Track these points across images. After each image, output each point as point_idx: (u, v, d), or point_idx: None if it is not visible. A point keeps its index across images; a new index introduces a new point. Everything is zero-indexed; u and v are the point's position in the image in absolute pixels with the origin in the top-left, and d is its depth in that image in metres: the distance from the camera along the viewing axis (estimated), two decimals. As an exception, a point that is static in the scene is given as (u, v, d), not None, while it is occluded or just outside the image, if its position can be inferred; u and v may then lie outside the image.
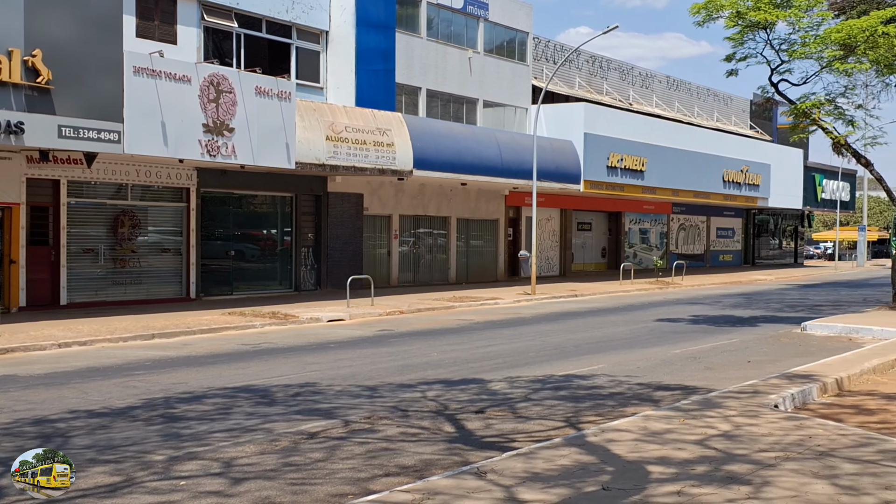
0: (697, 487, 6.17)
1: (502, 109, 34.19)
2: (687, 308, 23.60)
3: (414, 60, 29.87)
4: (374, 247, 29.52)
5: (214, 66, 21.36)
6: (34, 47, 17.16)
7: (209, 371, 12.88)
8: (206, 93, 20.50)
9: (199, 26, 23.71)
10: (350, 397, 10.59)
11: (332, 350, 15.23)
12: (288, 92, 22.38)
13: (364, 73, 27.00)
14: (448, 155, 27.86)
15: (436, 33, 31.02)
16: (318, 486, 6.82)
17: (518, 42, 34.62)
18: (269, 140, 21.83)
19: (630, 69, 43.93)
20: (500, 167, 29.88)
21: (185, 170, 22.99)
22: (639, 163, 36.22)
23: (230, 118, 20.97)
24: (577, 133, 33.53)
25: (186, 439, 8.41)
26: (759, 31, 20.97)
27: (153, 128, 19.45)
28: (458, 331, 18.30)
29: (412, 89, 30.11)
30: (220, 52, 24.52)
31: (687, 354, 14.27)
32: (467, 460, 7.44)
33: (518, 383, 11.49)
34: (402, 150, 25.91)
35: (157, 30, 22.70)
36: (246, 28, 25.07)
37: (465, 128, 30.46)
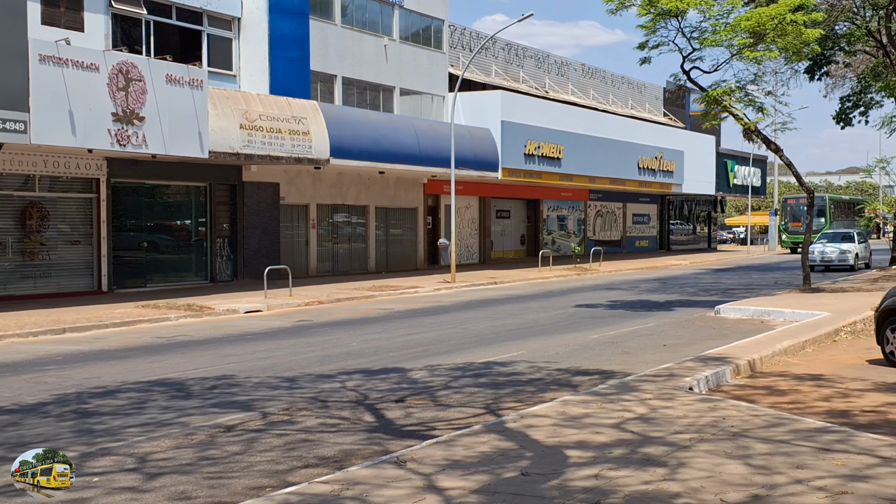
0: (614, 470, 6.27)
1: (419, 97, 34.14)
2: (605, 293, 23.97)
3: (329, 48, 29.59)
4: (292, 236, 29.21)
5: (123, 54, 20.79)
6: (-69, 33, 16.45)
7: (123, 365, 12.58)
8: (115, 81, 19.95)
9: (107, 13, 23.04)
10: (269, 389, 10.46)
11: (250, 341, 15.03)
12: (200, 80, 21.93)
13: (278, 60, 26.62)
14: (365, 143, 27.70)
15: (351, 20, 30.77)
16: (235, 479, 6.72)
17: (434, 29, 34.59)
18: (181, 129, 21.36)
19: (546, 57, 44.31)
20: (419, 155, 29.85)
21: (94, 160, 22.35)
22: (556, 150, 36.60)
23: (140, 107, 20.45)
24: (494, 121, 33.70)
25: (100, 435, 8.21)
26: (671, 19, 21.34)
27: (61, 117, 18.86)
28: (378, 320, 18.24)
29: (328, 77, 29.82)
30: (129, 39, 23.88)
31: (605, 339, 14.49)
32: (387, 449, 7.41)
33: (438, 371, 11.51)
34: (319, 139, 25.66)
35: (62, 17, 21.97)
36: (155, 15, 24.47)
37: (383, 116, 30.34)
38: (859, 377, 10.61)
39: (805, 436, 7.22)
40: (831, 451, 6.74)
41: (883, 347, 11.62)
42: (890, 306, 11.54)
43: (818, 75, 32.24)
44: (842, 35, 29.49)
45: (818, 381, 10.42)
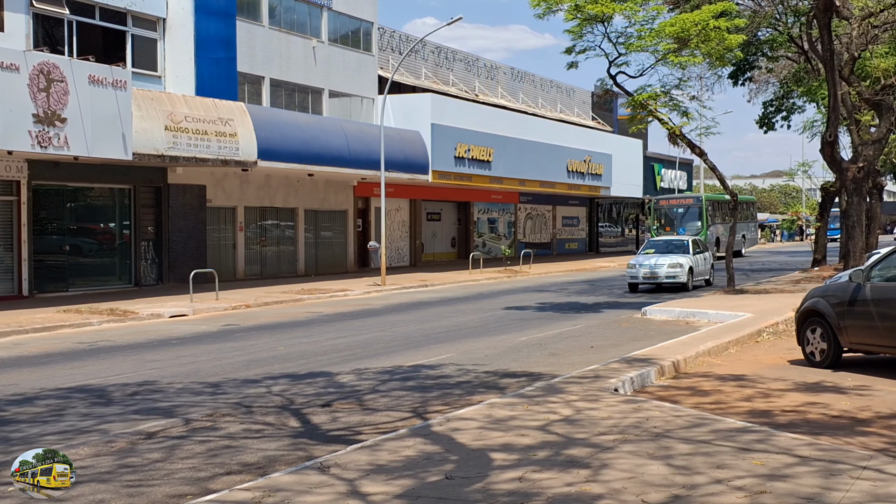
0: (538, 472, 6.29)
1: (349, 100, 33.99)
2: (534, 295, 24.15)
3: (256, 49, 29.27)
4: (219, 239, 28.79)
5: (45, 54, 20.26)
6: None
7: (42, 371, 12.24)
8: (36, 82, 19.42)
9: (28, 13, 22.42)
10: (192, 395, 10.28)
11: (174, 346, 14.75)
12: (123, 80, 21.48)
13: (204, 61, 26.23)
14: (294, 145, 27.47)
15: (279, 21, 30.49)
16: (155, 487, 6.58)
17: (363, 32, 34.48)
18: (104, 130, 20.89)
19: (475, 60, 44.51)
20: (348, 157, 29.70)
21: (14, 162, 21.71)
22: (486, 153, 36.78)
23: (62, 108, 19.94)
24: (424, 123, 33.72)
25: (16, 443, 7.97)
26: (598, 25, 21.62)
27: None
28: (306, 323, 18.08)
29: (255, 78, 29.50)
30: (51, 39, 23.27)
31: (533, 341, 14.58)
32: (311, 455, 7.34)
33: (366, 375, 11.45)
34: (246, 141, 25.35)
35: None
36: (78, 15, 23.89)
37: (312, 118, 30.12)
38: (780, 377, 10.86)
39: (726, 436, 7.35)
40: (751, 450, 6.87)
41: (803, 348, 11.92)
42: (810, 307, 11.84)
43: (742, 80, 33.01)
44: (764, 41, 30.24)
45: (740, 381, 10.63)
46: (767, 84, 37.58)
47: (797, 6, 27.35)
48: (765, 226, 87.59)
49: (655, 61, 22.55)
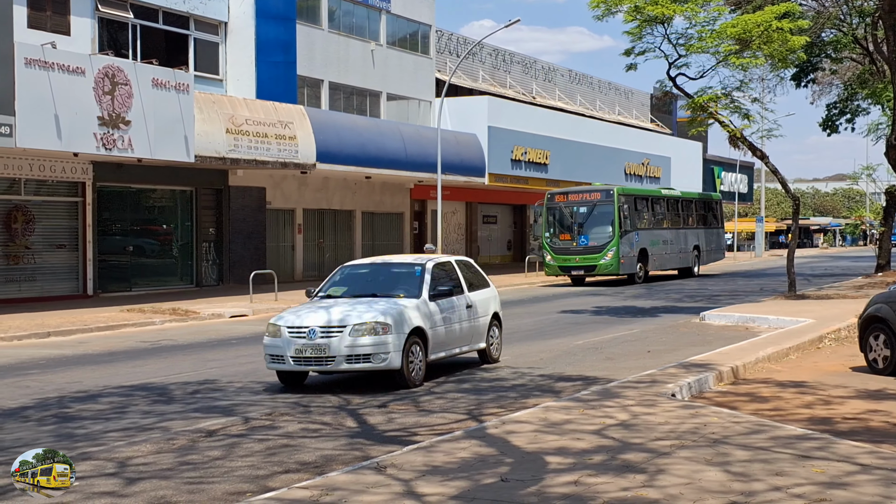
0: (594, 477, 6.28)
1: (406, 102, 34.16)
2: (590, 299, 24.01)
3: (315, 53, 29.59)
4: (278, 241, 29.15)
5: (109, 58, 20.74)
6: (-85, 36, 16.38)
7: (105, 369, 12.53)
8: (101, 85, 19.89)
9: (94, 17, 22.98)
10: (251, 394, 10.43)
11: (234, 346, 14.99)
12: (186, 84, 21.89)
13: (264, 65, 26.61)
14: (352, 148, 27.70)
15: (338, 25, 30.79)
16: (215, 484, 6.70)
17: (421, 35, 34.64)
18: (166, 133, 21.32)
19: (533, 63, 44.41)
20: (405, 160, 29.86)
21: (80, 164, 22.26)
22: (542, 156, 36.68)
23: (126, 111, 20.39)
24: (481, 126, 33.74)
25: (80, 439, 8.17)
26: (657, 26, 21.43)
27: (46, 121, 18.80)
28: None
29: (314, 82, 29.82)
30: (115, 43, 23.82)
31: (589, 345, 14.51)
32: (368, 455, 7.41)
33: (422, 376, 11.47)
34: (305, 144, 25.65)
35: (49, 20, 21.90)
36: (142, 19, 24.42)
37: (369, 121, 30.35)
38: (842, 384, 10.65)
39: (785, 443, 7.24)
40: (811, 458, 6.77)
41: (866, 355, 11.67)
42: (873, 313, 11.59)
43: (804, 82, 32.41)
44: (828, 42, 29.66)
45: (801, 387, 10.45)
46: (831, 86, 36.85)
47: (862, 7, 26.79)
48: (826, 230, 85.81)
49: (716, 63, 22.26)
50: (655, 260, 30.79)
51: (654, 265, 30.76)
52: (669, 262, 32.11)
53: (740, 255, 60.49)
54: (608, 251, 28.48)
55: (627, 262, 28.99)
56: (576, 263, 28.84)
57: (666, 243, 31.81)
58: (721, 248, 37.38)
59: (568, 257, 28.95)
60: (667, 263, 32.04)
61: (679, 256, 32.80)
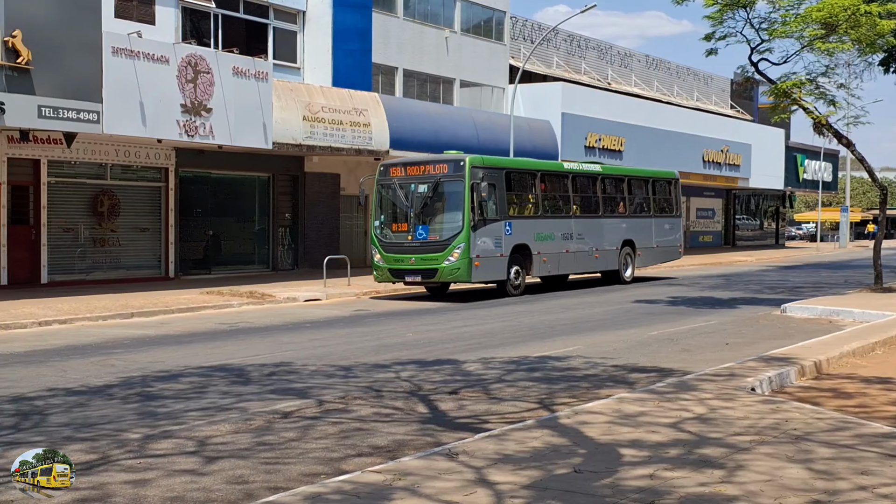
0: (670, 471, 6.19)
1: (479, 89, 34.11)
2: (665, 289, 23.69)
3: (390, 40, 29.72)
4: (351, 227, 29.42)
5: (192, 47, 21.17)
6: (14, 28, 16.99)
7: (186, 350, 12.83)
8: (184, 73, 20.32)
9: (177, 6, 23.47)
10: (324, 377, 10.57)
11: (308, 330, 15.20)
12: (265, 72, 22.21)
13: (341, 52, 26.85)
14: (424, 135, 27.79)
15: (413, 12, 30.87)
16: (290, 465, 6.80)
17: (495, 21, 34.52)
18: (246, 120, 21.68)
19: (609, 48, 43.87)
20: (477, 147, 29.74)
21: (163, 150, 22.80)
22: (617, 142, 36.26)
23: (208, 98, 20.79)
24: (554, 113, 33.52)
25: (162, 418, 8.37)
26: (739, 10, 20.93)
27: (132, 108, 19.30)
28: (433, 311, 18.29)
29: (389, 69, 29.97)
30: (197, 32, 24.29)
31: (664, 336, 14.31)
32: (439, 441, 7.44)
33: (492, 364, 11.50)
34: (379, 130, 25.82)
35: (135, 10, 22.44)
36: (223, 8, 24.84)
37: (442, 107, 30.39)
38: (928, 380, 10.30)
39: (871, 441, 7.03)
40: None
41: (953, 350, 11.28)
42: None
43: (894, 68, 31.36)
44: (918, 27, 28.58)
45: (887, 384, 10.14)
46: (921, 71, 35.53)
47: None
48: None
49: (801, 48, 21.64)
50: (547, 261, 22.31)
51: (543, 268, 22.33)
52: (575, 264, 23.54)
53: (824, 245, 58.93)
54: (454, 248, 19.73)
55: (489, 265, 20.41)
56: (410, 266, 20.14)
57: (568, 238, 23.04)
58: (676, 244, 27.79)
59: (401, 256, 20.26)
60: (570, 265, 23.38)
61: (592, 256, 23.97)
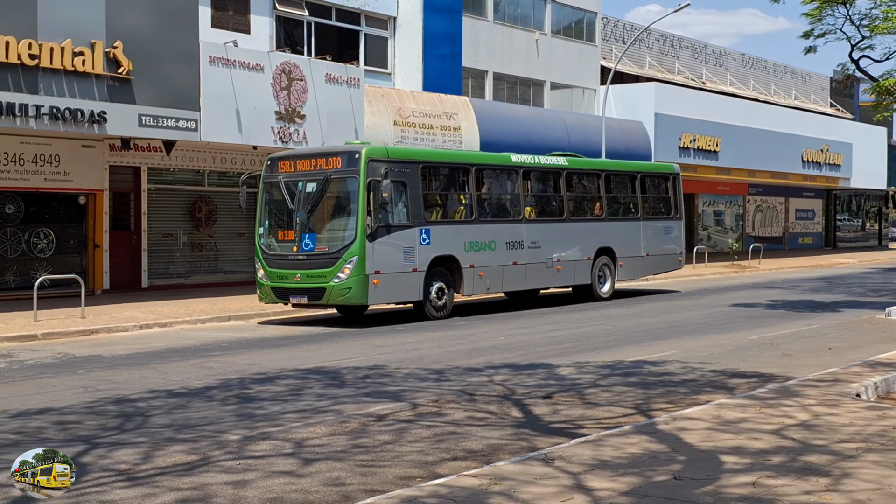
0: (773, 479, 6.02)
1: (570, 91, 33.88)
2: (764, 292, 23.09)
3: (480, 44, 29.77)
4: (444, 231, 29.44)
5: (286, 55, 21.59)
6: (115, 39, 17.58)
7: (282, 353, 13.06)
8: (279, 81, 20.73)
9: (272, 15, 23.95)
10: (417, 380, 10.61)
11: (400, 333, 15.31)
12: (357, 78, 22.50)
13: (431, 57, 27.01)
14: (514, 137, 27.71)
15: (503, 16, 30.87)
16: (386, 468, 6.84)
17: (586, 22, 34.25)
18: (338, 126, 21.99)
19: (703, 47, 43.07)
20: (568, 149, 29.45)
21: (258, 156, 23.28)
22: (712, 143, 35.54)
23: (301, 105, 21.17)
24: (647, 113, 33.05)
25: (260, 419, 8.52)
26: (839, 6, 20.34)
27: (228, 115, 19.78)
28: (524, 315, 18.20)
29: (479, 72, 30.02)
30: (291, 40, 24.75)
31: (763, 340, 13.95)
32: (534, 446, 7.39)
33: (586, 369, 11.38)
34: (469, 134, 25.88)
35: (231, 20, 22.99)
36: (316, 16, 25.25)
37: (532, 110, 30.28)
38: None
39: (984, 449, 6.72)
40: None
41: None
42: None
43: None
44: None
45: None
46: None
47: None
48: None
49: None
50: (485, 276, 17.99)
51: (479, 284, 18.03)
52: (527, 279, 19.21)
53: (929, 247, 56.55)
54: (344, 263, 15.83)
55: (396, 283, 16.41)
56: (295, 284, 16.26)
57: (516, 246, 18.75)
58: (674, 251, 23.19)
59: (285, 272, 16.43)
60: (518, 280, 19.04)
61: (552, 269, 19.58)
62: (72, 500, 6.00)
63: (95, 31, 17.38)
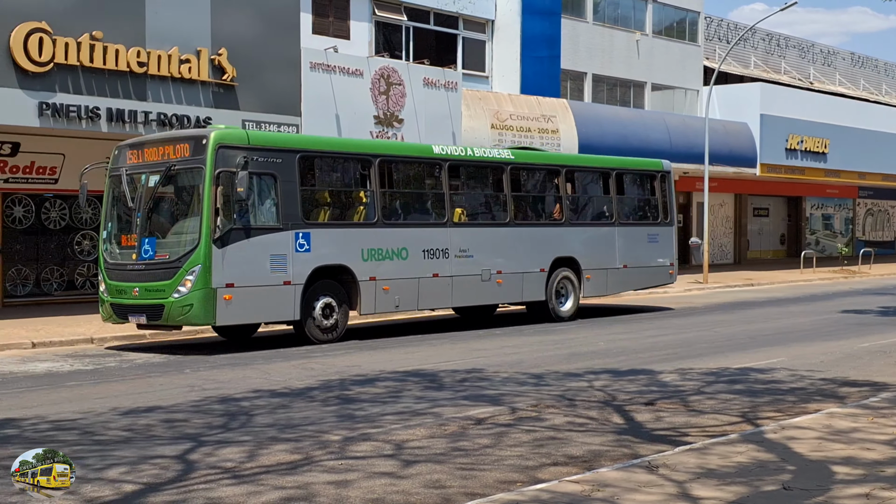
0: (888, 490, 5.77)
1: (671, 92, 33.30)
2: (875, 298, 22.23)
3: (579, 45, 29.54)
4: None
5: (385, 60, 21.84)
6: (220, 46, 18.08)
7: (380, 355, 13.18)
8: (377, 85, 20.98)
9: (371, 21, 24.26)
10: (516, 384, 10.57)
11: (498, 337, 15.29)
12: (454, 82, 22.60)
13: (529, 60, 26.94)
14: (614, 140, 27.39)
15: (602, 17, 30.57)
16: (486, 471, 6.82)
17: (689, 22, 33.63)
18: (435, 130, 22.11)
19: (810, 46, 41.80)
20: (670, 151, 29.06)
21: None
22: (821, 144, 34.44)
23: (399, 109, 21.38)
24: (752, 114, 32.24)
25: (360, 421, 8.60)
26: (957, 0, 19.41)
27: (328, 121, 20.10)
28: (624, 320, 17.96)
29: (577, 74, 29.79)
30: (389, 44, 25.02)
31: (875, 348, 13.42)
32: (637, 453, 7.26)
33: (690, 375, 11.14)
34: (567, 136, 25.69)
35: (331, 26, 23.38)
36: (414, 21, 25.47)
37: (632, 112, 29.89)
38: None
39: None
40: None
41: None
42: None
43: None
44: None
45: None
46: None
47: None
48: None
49: None
50: (391, 290, 15.05)
51: (384, 300, 15.05)
52: (452, 294, 16.13)
53: None
54: (186, 274, 13.00)
55: (260, 299, 13.52)
56: (133, 299, 13.44)
57: (437, 255, 15.72)
58: (662, 262, 19.78)
59: (124, 285, 13.60)
60: (439, 296, 16.04)
61: (491, 282, 16.48)
62: (181, 496, 6.17)
63: (201, 39, 17.90)
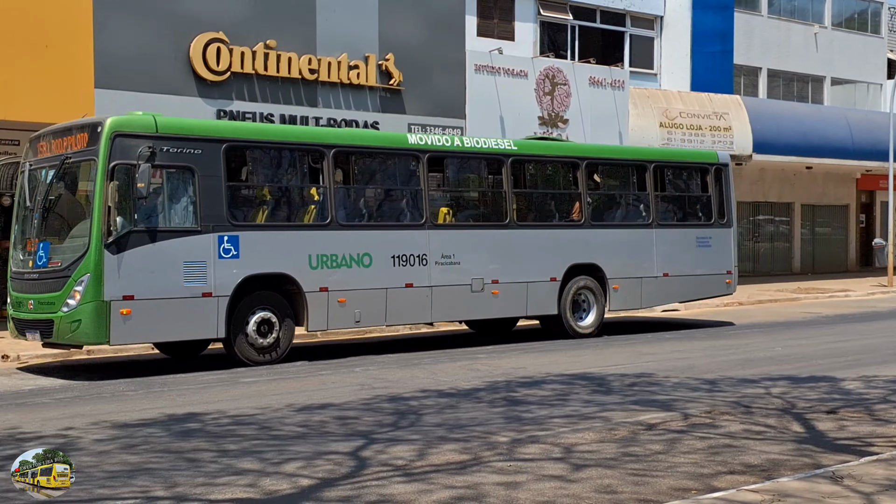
0: None
1: (852, 87, 31.69)
2: None
3: (753, 40, 28.53)
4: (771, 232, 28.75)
5: (549, 60, 21.79)
6: (387, 52, 18.54)
7: (545, 358, 13.16)
8: (542, 86, 20.96)
9: (535, 21, 24.24)
10: (688, 390, 10.29)
11: (667, 341, 14.96)
12: (621, 80, 22.29)
13: (700, 56, 26.25)
14: (791, 137, 26.33)
15: (777, 10, 29.46)
16: (658, 478, 6.68)
17: (871, 13, 31.91)
18: (601, 130, 21.87)
19: None
20: (851, 148, 27.68)
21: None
22: None
23: (564, 110, 21.28)
24: (941, 108, 30.17)
25: (527, 423, 8.59)
26: None
27: (492, 122, 20.25)
28: (802, 324, 17.19)
29: (751, 70, 28.80)
30: (554, 44, 24.93)
31: None
32: (818, 463, 6.93)
33: (875, 383, 10.53)
34: (741, 134, 24.86)
35: (496, 28, 23.52)
36: (580, 19, 25.26)
37: (810, 107, 28.68)
38: None
39: None
40: None
41: None
42: None
43: None
44: None
45: None
46: None
47: None
48: None
49: None
50: (347, 302, 12.85)
51: (340, 315, 12.89)
52: (430, 308, 13.72)
53: None
54: (75, 285, 11.28)
55: (169, 314, 11.60)
56: (28, 313, 11.94)
57: (414, 262, 13.45)
58: (719, 271, 17.09)
59: (21, 296, 12.17)
60: (413, 310, 13.72)
61: (486, 293, 14.15)
62: (354, 492, 6.34)
63: (369, 45, 18.40)
